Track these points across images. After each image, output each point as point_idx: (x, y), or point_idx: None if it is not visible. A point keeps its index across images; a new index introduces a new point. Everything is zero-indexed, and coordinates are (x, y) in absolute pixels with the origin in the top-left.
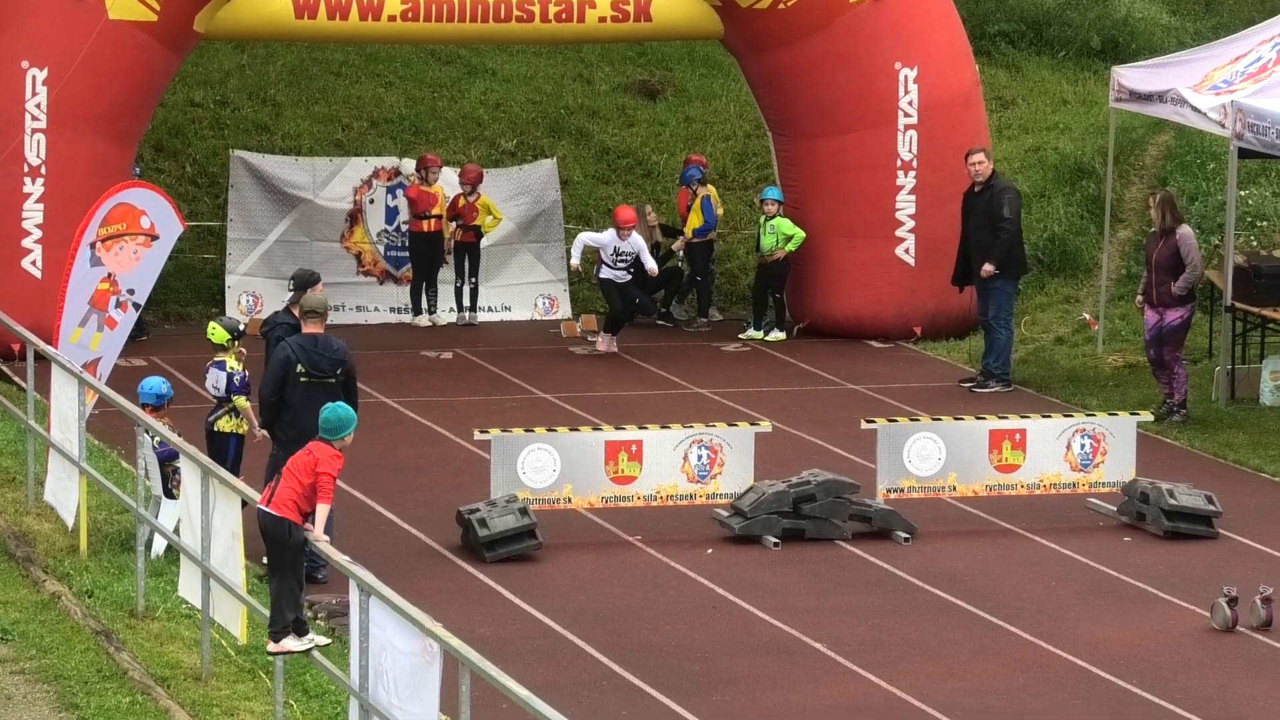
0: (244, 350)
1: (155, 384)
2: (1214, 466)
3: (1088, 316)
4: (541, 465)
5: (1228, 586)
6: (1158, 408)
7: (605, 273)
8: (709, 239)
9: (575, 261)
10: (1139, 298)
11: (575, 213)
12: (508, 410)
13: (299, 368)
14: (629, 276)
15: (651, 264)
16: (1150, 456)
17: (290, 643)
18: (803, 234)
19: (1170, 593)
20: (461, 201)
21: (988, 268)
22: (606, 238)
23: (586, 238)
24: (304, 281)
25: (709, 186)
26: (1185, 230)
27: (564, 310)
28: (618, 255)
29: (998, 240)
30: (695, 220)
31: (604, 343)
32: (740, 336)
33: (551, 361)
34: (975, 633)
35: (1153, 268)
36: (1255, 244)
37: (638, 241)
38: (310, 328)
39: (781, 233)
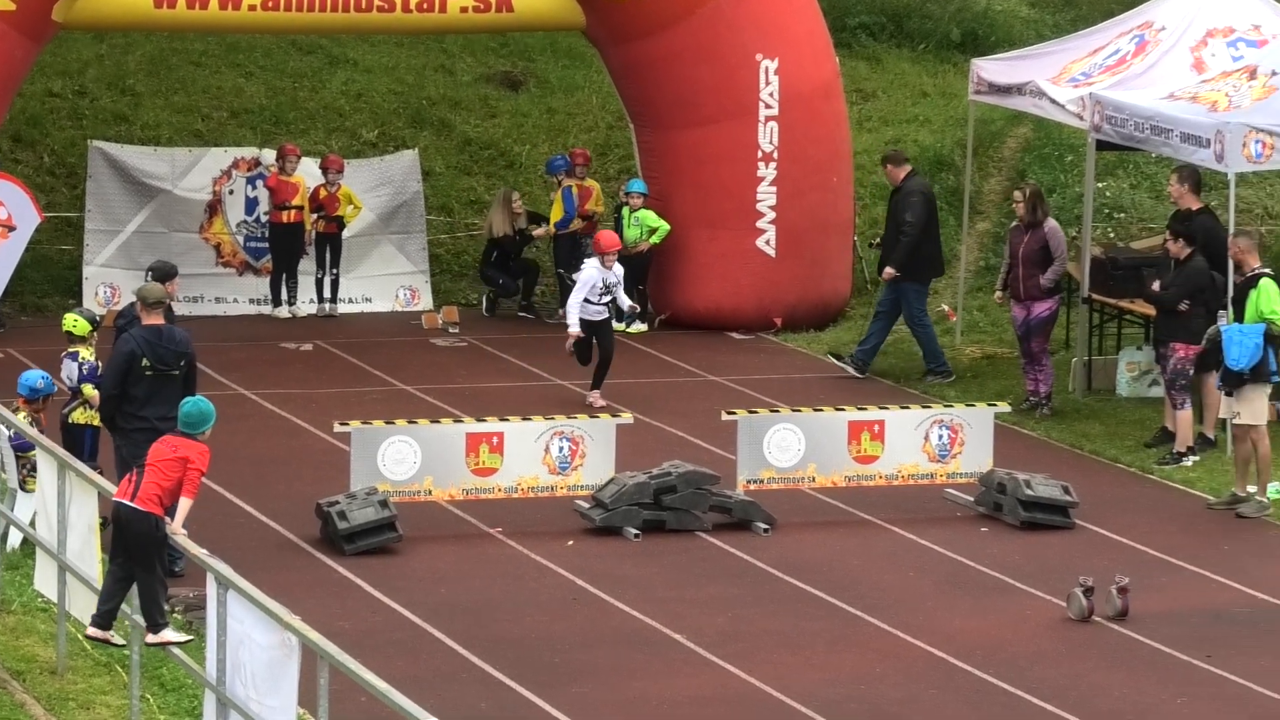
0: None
1: (32, 377)
2: (1070, 457)
3: (946, 308)
4: (402, 457)
5: (1084, 577)
6: (1019, 401)
7: (588, 312)
8: (571, 231)
9: (575, 329)
10: (999, 293)
11: (437, 204)
12: (368, 402)
13: (144, 361)
14: (606, 314)
15: (626, 300)
16: (1007, 447)
17: (170, 634)
18: (667, 226)
19: (1027, 583)
20: (323, 192)
21: (889, 271)
22: (593, 274)
23: (578, 297)
24: (161, 273)
25: (592, 181)
26: (1053, 223)
27: (425, 302)
28: (604, 290)
29: (899, 243)
30: (557, 212)
31: (597, 399)
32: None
33: (412, 353)
34: (833, 623)
35: (1020, 261)
36: (1112, 236)
37: (620, 273)
38: (151, 319)
39: (646, 225)
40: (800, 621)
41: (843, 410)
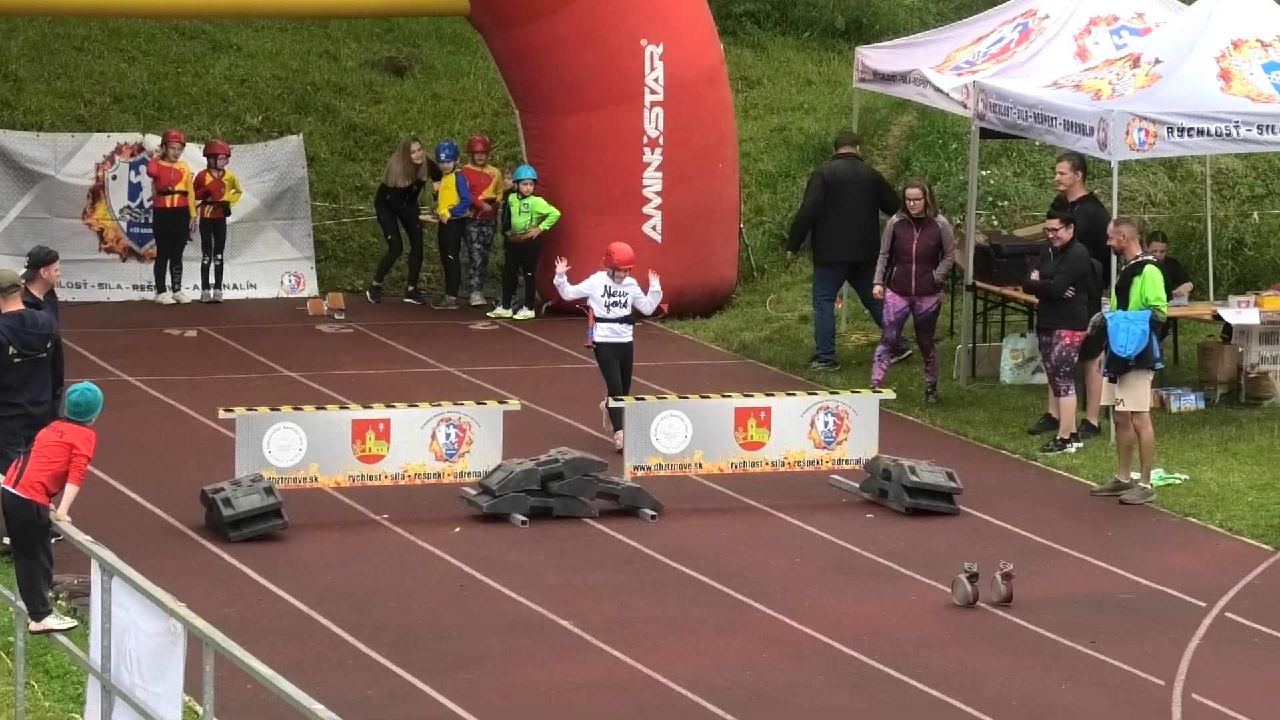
0: None
1: None
2: (955, 444)
3: None
4: (287, 444)
5: (968, 563)
6: (872, 387)
7: (600, 333)
8: (463, 218)
9: (571, 291)
10: (879, 287)
11: (322, 190)
12: (253, 389)
13: (11, 350)
14: (629, 330)
15: (648, 306)
16: (892, 434)
17: (52, 621)
18: (558, 213)
19: (912, 569)
20: (209, 177)
21: (790, 254)
22: (596, 280)
23: (581, 288)
24: (39, 259)
25: (492, 169)
26: (943, 218)
27: (310, 288)
28: (611, 297)
29: (795, 226)
30: (449, 198)
31: (620, 438)
32: (489, 315)
33: (298, 339)
34: (720, 609)
35: (914, 257)
36: (996, 223)
37: (633, 284)
38: (10, 305)
39: (536, 211)
40: (687, 608)
41: (729, 397)
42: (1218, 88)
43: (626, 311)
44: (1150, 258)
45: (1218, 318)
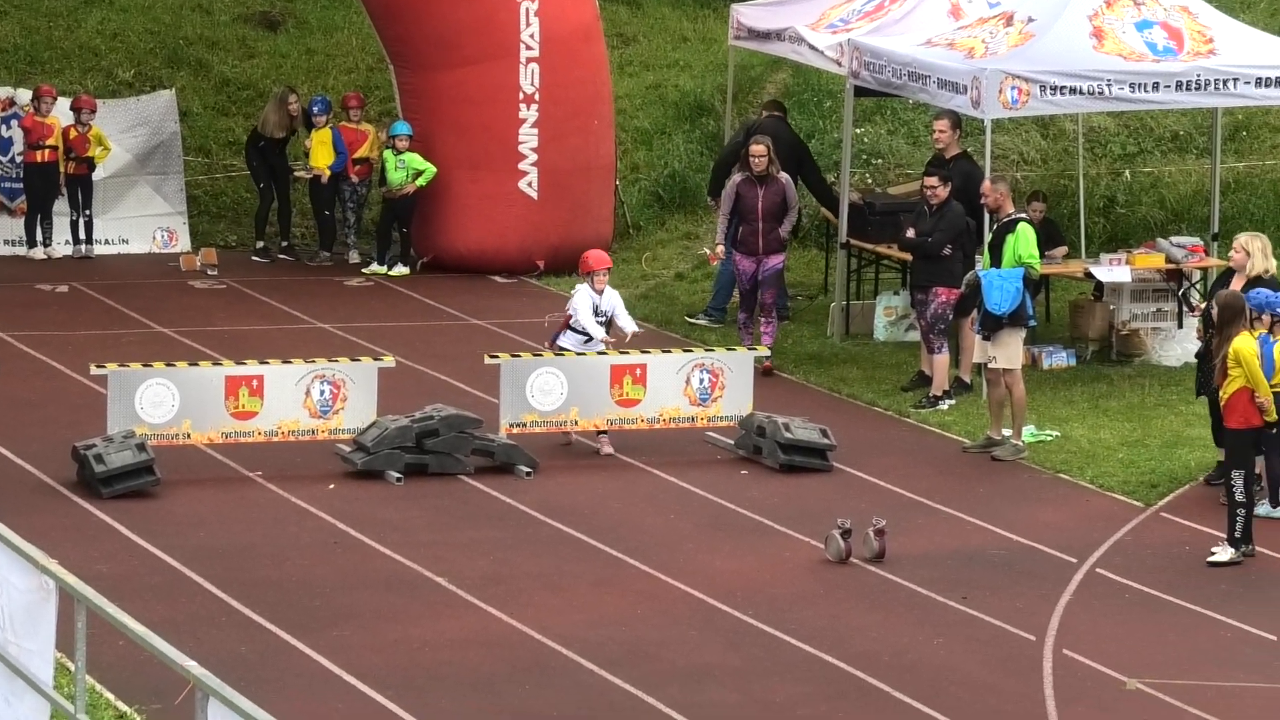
0: None
1: None
2: (829, 401)
3: (708, 252)
4: (160, 400)
5: (842, 519)
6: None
7: (569, 340)
8: (338, 174)
9: (602, 334)
10: (720, 247)
11: (195, 145)
12: (125, 344)
13: None
14: (600, 344)
15: (631, 326)
16: (767, 391)
17: None
18: (434, 169)
19: (786, 525)
20: (74, 132)
21: (711, 200)
22: (585, 300)
23: (590, 320)
24: None
25: (367, 126)
26: (785, 174)
27: (183, 243)
28: (600, 316)
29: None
30: (324, 155)
31: (604, 444)
32: (364, 271)
33: (170, 295)
34: (595, 565)
35: (759, 215)
36: (870, 181)
37: (615, 298)
38: None
39: (412, 167)
40: (562, 564)
41: (605, 354)
42: (1090, 46)
43: (605, 326)
44: (1023, 215)
45: (1089, 275)
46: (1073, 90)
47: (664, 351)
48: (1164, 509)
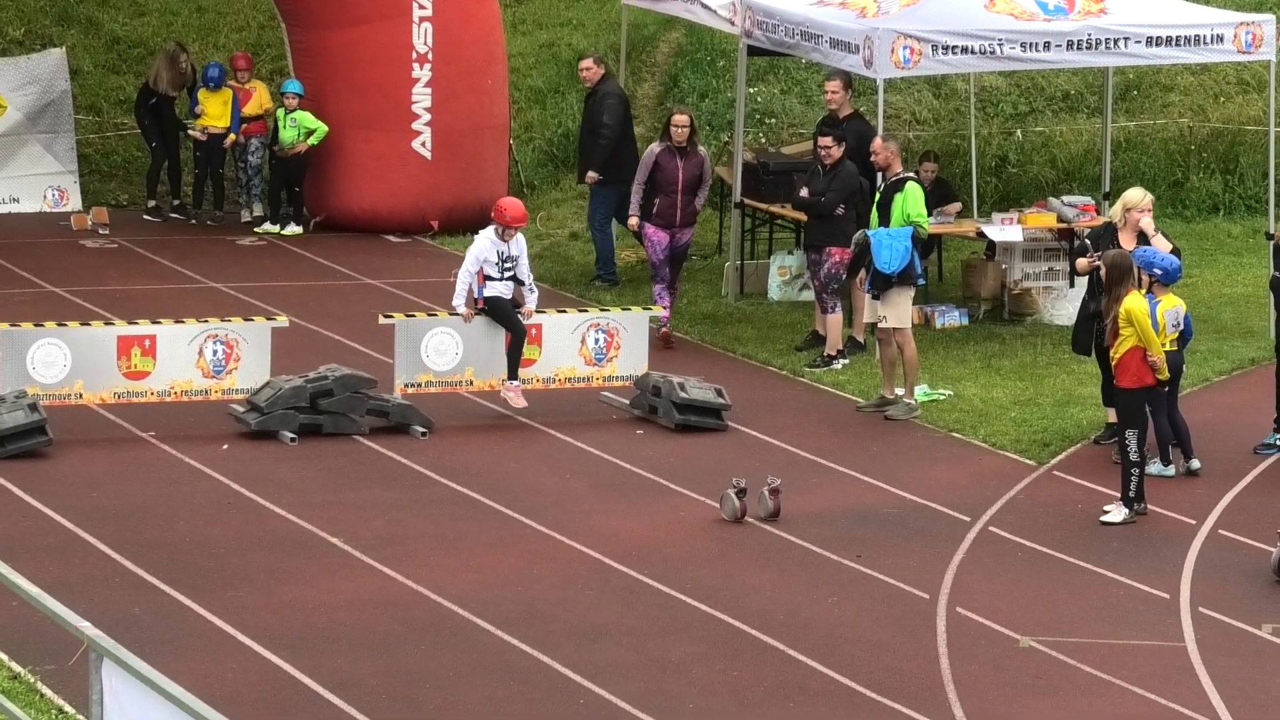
0: None
1: None
2: (724, 360)
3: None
4: (51, 360)
5: (736, 478)
6: (656, 324)
7: (492, 289)
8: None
9: (460, 306)
10: (634, 218)
11: (85, 103)
12: (16, 304)
13: None
14: (508, 290)
15: (530, 279)
16: (663, 351)
17: None
18: (325, 128)
19: (681, 484)
20: None
21: (591, 175)
22: (484, 245)
23: (467, 270)
24: None
25: (256, 83)
26: (703, 148)
27: (74, 202)
28: (503, 263)
29: (599, 146)
30: (224, 113)
31: (515, 393)
32: (256, 230)
33: (62, 254)
34: (491, 525)
35: (679, 188)
36: (764, 141)
37: (522, 244)
38: None
39: (304, 126)
40: (458, 524)
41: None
42: (982, 5)
43: (512, 274)
44: (911, 175)
45: (981, 235)
46: (964, 50)
47: (559, 311)
48: (1056, 467)
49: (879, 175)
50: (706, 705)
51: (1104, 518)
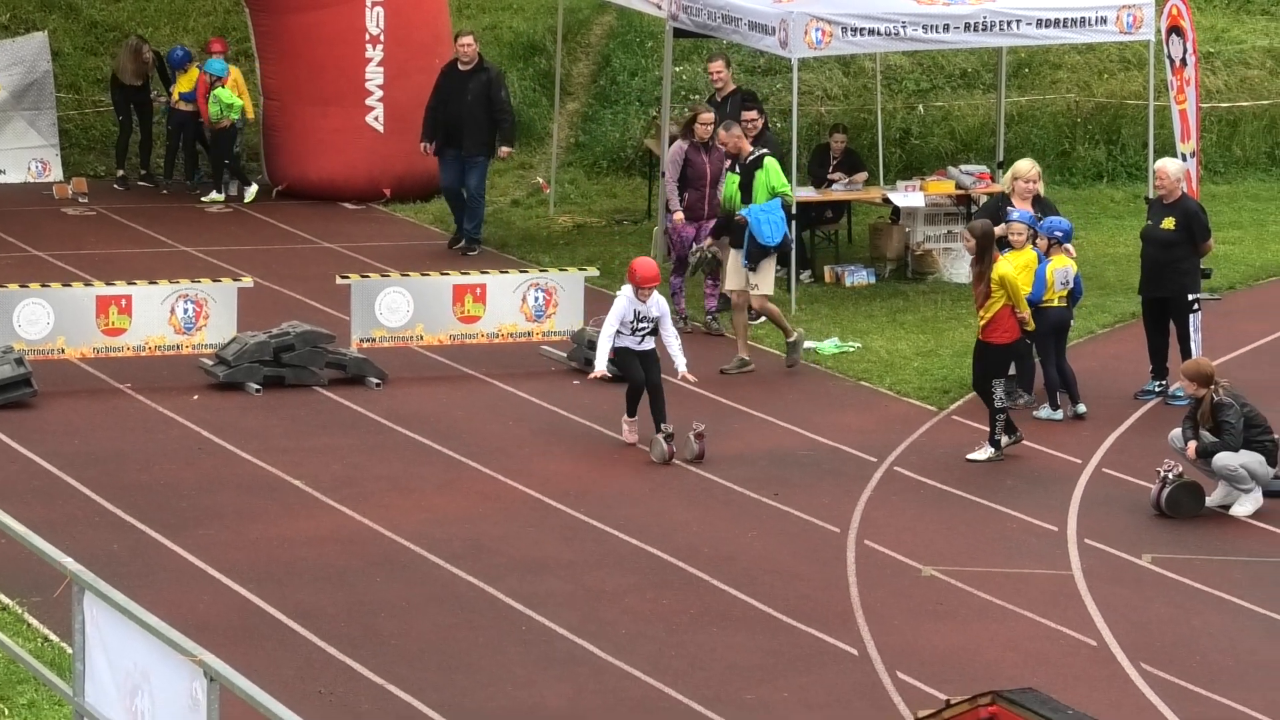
0: None
1: None
2: None
3: (541, 181)
4: (36, 318)
5: (665, 424)
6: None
7: (621, 341)
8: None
9: (601, 368)
10: (679, 214)
11: (66, 82)
12: (2, 267)
13: None
14: (648, 345)
15: (675, 342)
16: (597, 308)
17: None
18: (241, 103)
19: (614, 430)
20: None
21: (505, 150)
22: (624, 304)
23: (607, 330)
24: None
25: (233, 68)
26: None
27: (56, 173)
28: (637, 322)
29: (504, 124)
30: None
31: (629, 431)
32: (203, 199)
33: (45, 221)
34: (440, 468)
35: (708, 181)
36: (687, 115)
37: (662, 305)
38: None
39: (224, 102)
40: (410, 467)
41: (448, 275)
42: None
43: (648, 332)
44: (766, 151)
45: (887, 201)
46: (872, 31)
47: (502, 272)
48: (955, 413)
49: (731, 161)
50: (638, 631)
51: (971, 456)
